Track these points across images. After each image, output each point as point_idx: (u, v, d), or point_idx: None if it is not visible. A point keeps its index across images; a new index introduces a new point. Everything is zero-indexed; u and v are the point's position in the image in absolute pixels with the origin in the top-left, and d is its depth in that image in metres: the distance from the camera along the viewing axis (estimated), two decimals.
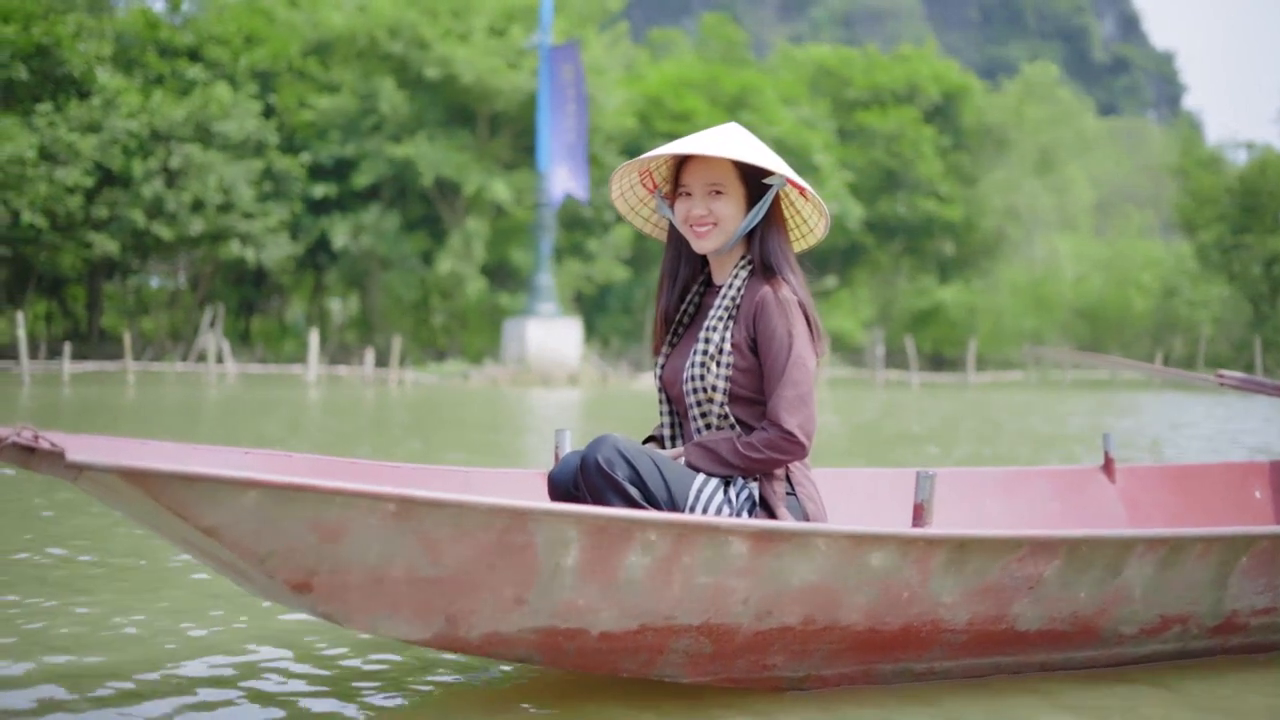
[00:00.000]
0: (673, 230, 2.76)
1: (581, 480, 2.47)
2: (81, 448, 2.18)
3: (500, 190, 32.10)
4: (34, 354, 28.07)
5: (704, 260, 2.77)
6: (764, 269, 2.63)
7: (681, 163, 2.69)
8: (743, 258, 2.68)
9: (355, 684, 2.57)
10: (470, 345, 34.39)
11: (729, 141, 2.62)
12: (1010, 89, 44.59)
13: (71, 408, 13.85)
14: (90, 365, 26.69)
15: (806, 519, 2.57)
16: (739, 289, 2.63)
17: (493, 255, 33.41)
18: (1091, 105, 49.74)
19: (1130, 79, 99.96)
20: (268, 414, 13.43)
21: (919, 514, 2.46)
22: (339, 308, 34.31)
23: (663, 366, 2.72)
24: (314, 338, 26.65)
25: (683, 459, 2.58)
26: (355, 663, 2.73)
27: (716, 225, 2.63)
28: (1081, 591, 2.60)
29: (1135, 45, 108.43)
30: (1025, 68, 46.21)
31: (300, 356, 33.19)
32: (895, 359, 38.28)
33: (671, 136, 30.91)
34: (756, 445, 2.51)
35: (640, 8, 37.96)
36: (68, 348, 24.96)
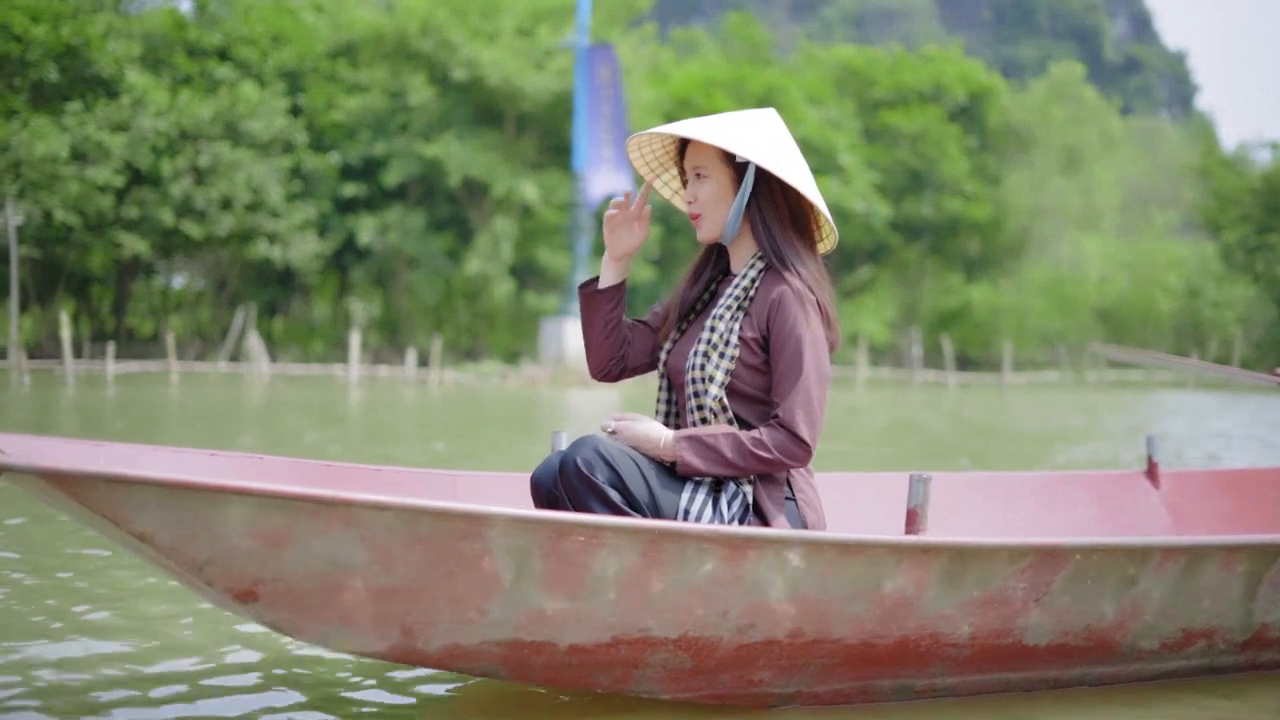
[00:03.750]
0: None
1: (560, 483, 2.32)
2: (18, 449, 2.06)
3: (528, 191, 32.05)
4: (62, 354, 28.26)
5: (726, 252, 2.64)
6: (777, 261, 2.47)
7: (684, 149, 2.58)
8: (759, 248, 2.53)
9: (326, 694, 2.43)
10: (496, 345, 34.34)
11: (718, 124, 2.48)
12: (1036, 88, 44.23)
13: (134, 410, 13.42)
14: (134, 366, 26.75)
15: (805, 526, 2.41)
16: (753, 280, 2.48)
17: (520, 255, 33.36)
18: (1117, 105, 49.18)
19: (1142, 79, 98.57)
20: (333, 415, 13.21)
21: (912, 520, 2.29)
22: (361, 309, 34.36)
23: (668, 352, 2.58)
24: (355, 338, 26.67)
25: (672, 446, 2.37)
26: (328, 671, 2.59)
27: (703, 212, 2.51)
28: (1095, 604, 2.42)
29: (1147, 45, 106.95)
30: (1052, 68, 45.83)
31: (327, 357, 33.24)
32: (926, 359, 37.95)
33: None
34: (767, 445, 2.34)
35: (652, 7, 37.78)
36: (111, 348, 25.10)
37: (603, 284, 2.59)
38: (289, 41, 33.12)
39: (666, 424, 2.55)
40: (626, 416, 2.44)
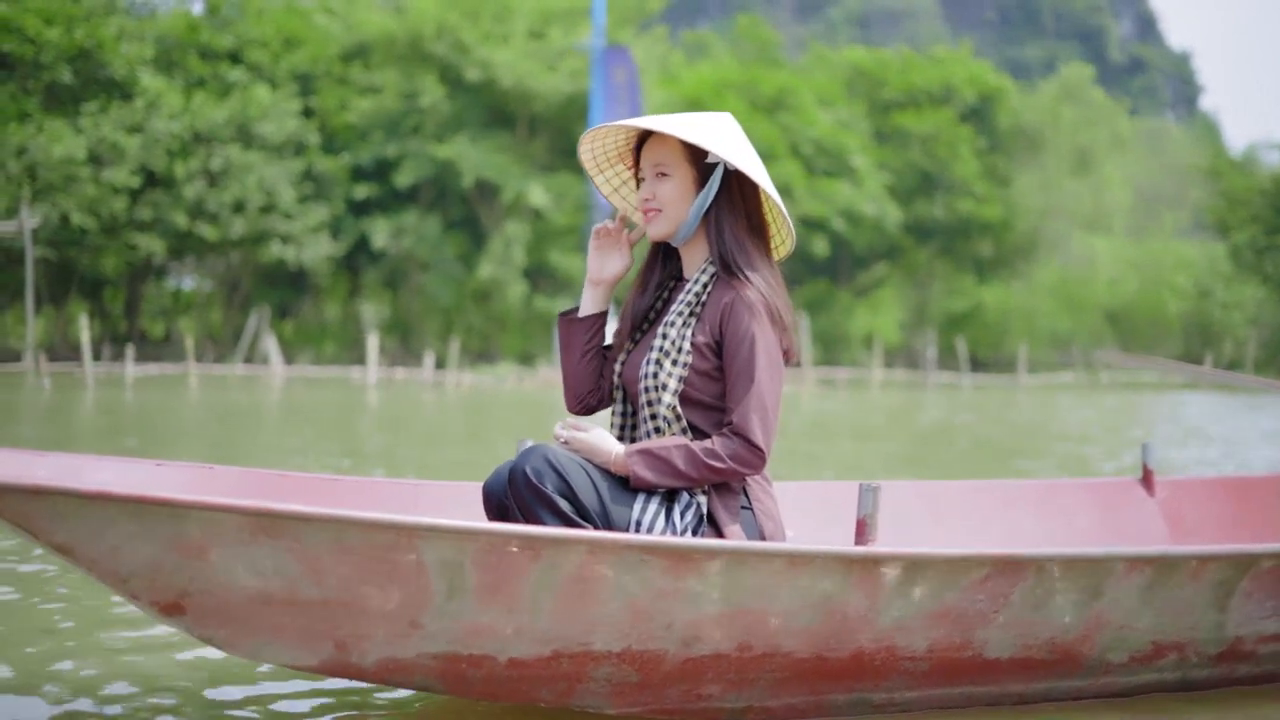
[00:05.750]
0: None
1: (510, 493, 2.27)
2: None
3: (538, 196, 32.05)
4: (76, 356, 28.36)
5: (679, 256, 2.57)
6: (729, 265, 2.42)
7: (640, 146, 2.50)
8: (712, 252, 2.48)
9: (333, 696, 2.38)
10: (508, 347, 34.34)
11: (683, 122, 2.43)
12: (1045, 90, 44.01)
13: (169, 414, 13.08)
14: (152, 368, 26.73)
15: (762, 537, 2.36)
16: (705, 285, 2.43)
17: (532, 258, 33.35)
18: (1126, 106, 48.82)
19: (1147, 79, 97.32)
20: (377, 418, 13.05)
21: (862, 530, 2.23)
22: (372, 312, 34.36)
23: (623, 364, 2.52)
24: (373, 341, 26.66)
25: (623, 460, 2.31)
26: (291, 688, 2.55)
27: (661, 210, 2.45)
28: (1058, 616, 2.36)
29: (1152, 45, 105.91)
30: (1061, 69, 45.61)
31: (338, 359, 33.27)
32: (938, 361, 37.76)
33: None
34: (720, 454, 2.29)
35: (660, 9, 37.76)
36: (130, 351, 25.12)
37: (583, 312, 2.54)
38: (301, 44, 33.18)
39: (622, 436, 2.50)
40: (579, 425, 2.38)
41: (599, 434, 2.37)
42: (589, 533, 2.03)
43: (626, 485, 2.32)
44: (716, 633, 2.13)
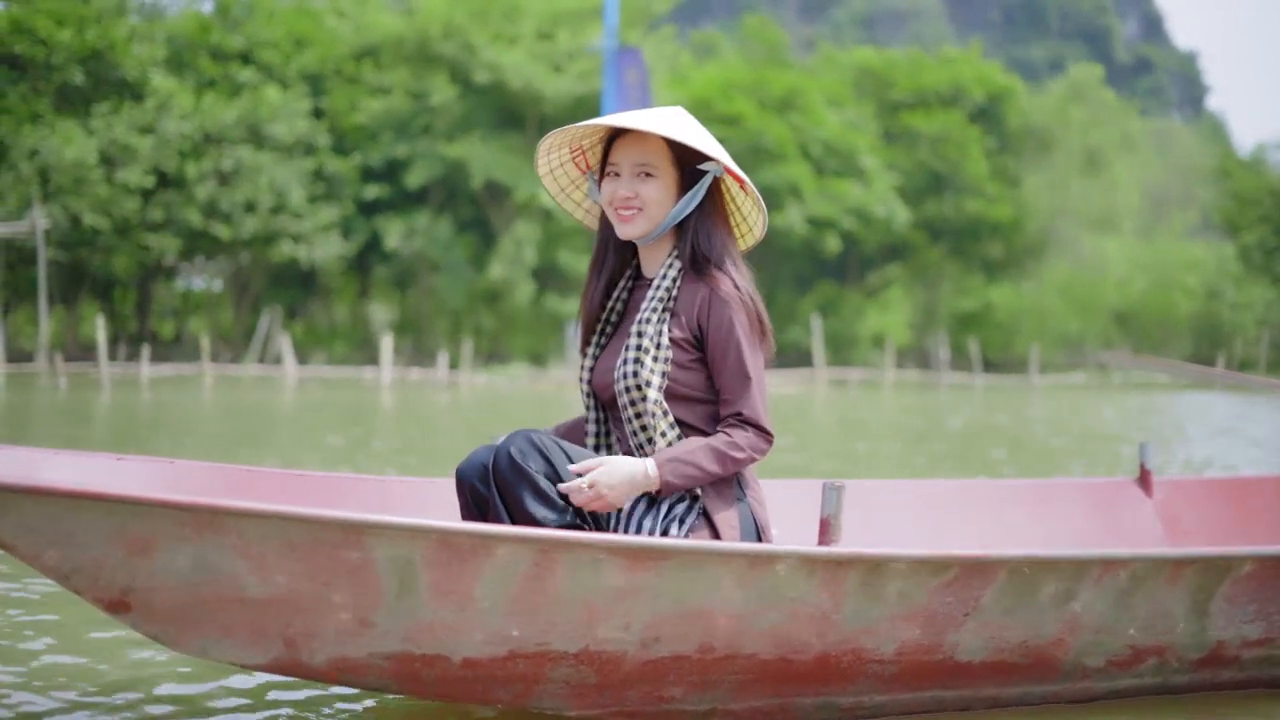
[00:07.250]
0: (604, 217, 2.53)
1: (494, 478, 2.24)
2: None
3: (548, 196, 32.00)
4: (86, 356, 28.44)
5: (634, 251, 2.52)
6: (700, 261, 2.39)
7: (613, 141, 2.45)
8: (675, 248, 2.44)
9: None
10: (516, 348, 34.33)
11: (665, 121, 2.39)
12: (1054, 90, 43.83)
13: (201, 416, 12.93)
14: (167, 369, 26.76)
15: (756, 526, 2.35)
16: (674, 280, 2.40)
17: (542, 258, 33.33)
18: (1136, 106, 48.54)
19: (1153, 80, 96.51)
20: (422, 418, 13.02)
21: (825, 530, 2.18)
22: (382, 312, 34.35)
23: (591, 369, 2.48)
24: (387, 341, 26.64)
25: (656, 475, 2.24)
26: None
27: (642, 210, 2.40)
28: (1031, 619, 2.31)
29: (1158, 45, 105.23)
30: (1071, 69, 45.46)
31: (348, 359, 33.30)
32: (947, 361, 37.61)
33: (718, 139, 30.47)
34: (740, 445, 2.30)
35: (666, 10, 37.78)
36: (146, 351, 25.18)
37: None
38: (311, 44, 33.23)
39: (598, 442, 2.46)
40: (587, 466, 2.24)
41: (620, 462, 2.25)
42: (543, 531, 2.00)
43: None
44: (677, 634, 2.09)
